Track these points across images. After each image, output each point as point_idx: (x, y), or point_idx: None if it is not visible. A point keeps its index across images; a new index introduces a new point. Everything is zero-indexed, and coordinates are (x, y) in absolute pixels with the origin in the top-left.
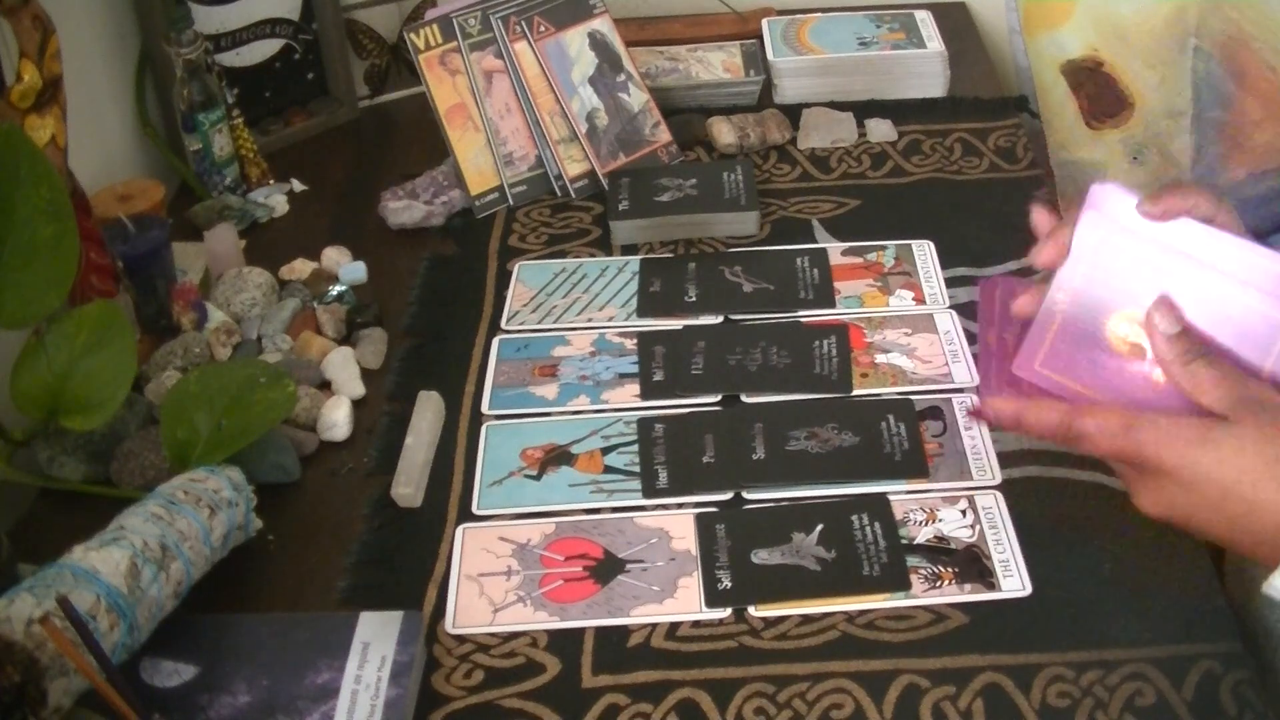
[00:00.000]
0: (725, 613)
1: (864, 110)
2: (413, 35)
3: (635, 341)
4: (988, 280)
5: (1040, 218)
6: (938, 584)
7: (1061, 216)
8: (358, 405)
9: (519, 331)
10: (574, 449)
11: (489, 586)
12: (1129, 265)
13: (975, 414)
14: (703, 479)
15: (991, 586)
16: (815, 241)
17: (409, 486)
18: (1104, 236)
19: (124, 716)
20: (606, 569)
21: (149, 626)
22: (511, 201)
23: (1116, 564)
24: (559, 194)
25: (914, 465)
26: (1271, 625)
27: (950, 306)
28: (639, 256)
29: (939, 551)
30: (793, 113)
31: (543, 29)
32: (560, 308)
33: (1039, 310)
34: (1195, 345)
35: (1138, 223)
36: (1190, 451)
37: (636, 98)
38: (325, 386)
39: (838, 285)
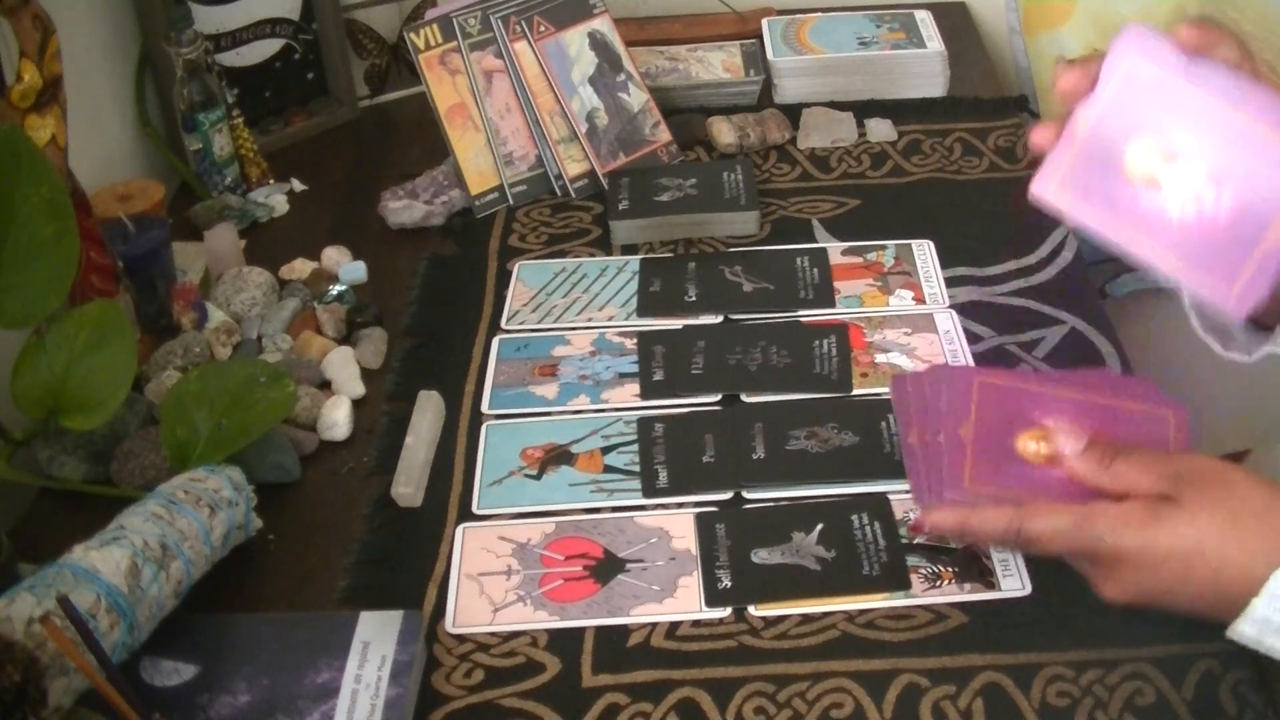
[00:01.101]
0: (725, 612)
1: (864, 110)
2: (413, 35)
3: (635, 341)
4: (897, 377)
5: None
6: (937, 583)
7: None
8: (358, 405)
9: (519, 331)
10: (574, 448)
11: (489, 586)
12: (1156, 93)
13: (915, 529)
14: (703, 478)
15: (991, 586)
16: (815, 241)
17: (409, 486)
18: (1135, 62)
19: (124, 716)
20: (606, 568)
21: (149, 626)
22: (511, 201)
23: None
24: (559, 194)
25: None
26: None
27: (950, 306)
28: (639, 256)
29: (939, 551)
30: (793, 113)
31: (543, 29)
32: (560, 307)
33: (1060, 136)
34: (1107, 448)
35: (1169, 58)
36: (1145, 535)
37: (636, 98)
38: (325, 386)
39: (838, 285)
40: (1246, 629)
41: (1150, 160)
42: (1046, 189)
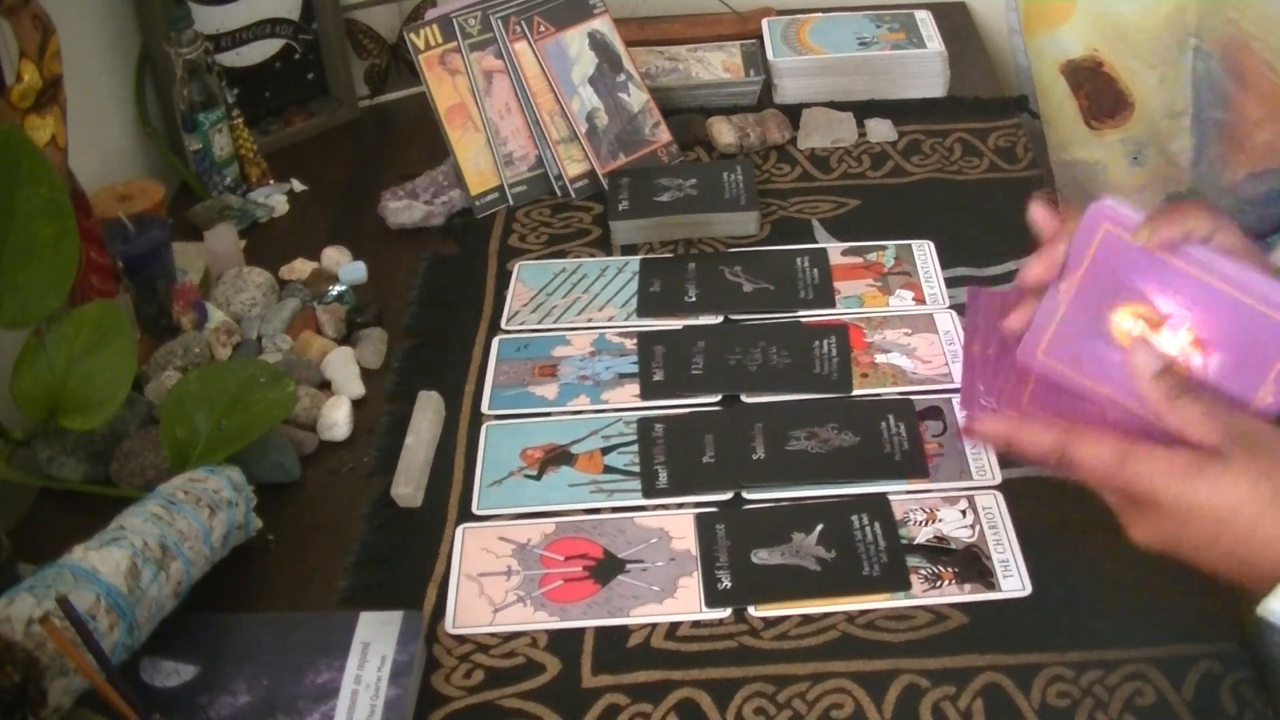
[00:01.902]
0: (725, 613)
1: (864, 110)
2: (413, 35)
3: (635, 341)
4: (974, 290)
5: (1040, 214)
6: (938, 584)
7: (1061, 213)
8: (358, 405)
9: (519, 331)
10: (574, 449)
11: (489, 586)
12: (1132, 264)
13: (965, 432)
14: (703, 479)
15: (991, 586)
16: (815, 241)
17: (409, 486)
18: (1106, 237)
19: (124, 716)
20: (606, 569)
21: (149, 626)
22: (511, 201)
23: (1116, 564)
24: (559, 194)
25: (914, 465)
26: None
27: (950, 306)
28: (639, 256)
29: (939, 551)
30: (793, 113)
31: (543, 29)
32: (560, 308)
33: (1038, 307)
34: (1180, 381)
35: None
36: (1185, 485)
37: (636, 98)
38: (325, 386)
39: (838, 285)
40: (1277, 606)
41: (1134, 322)
42: (1033, 356)
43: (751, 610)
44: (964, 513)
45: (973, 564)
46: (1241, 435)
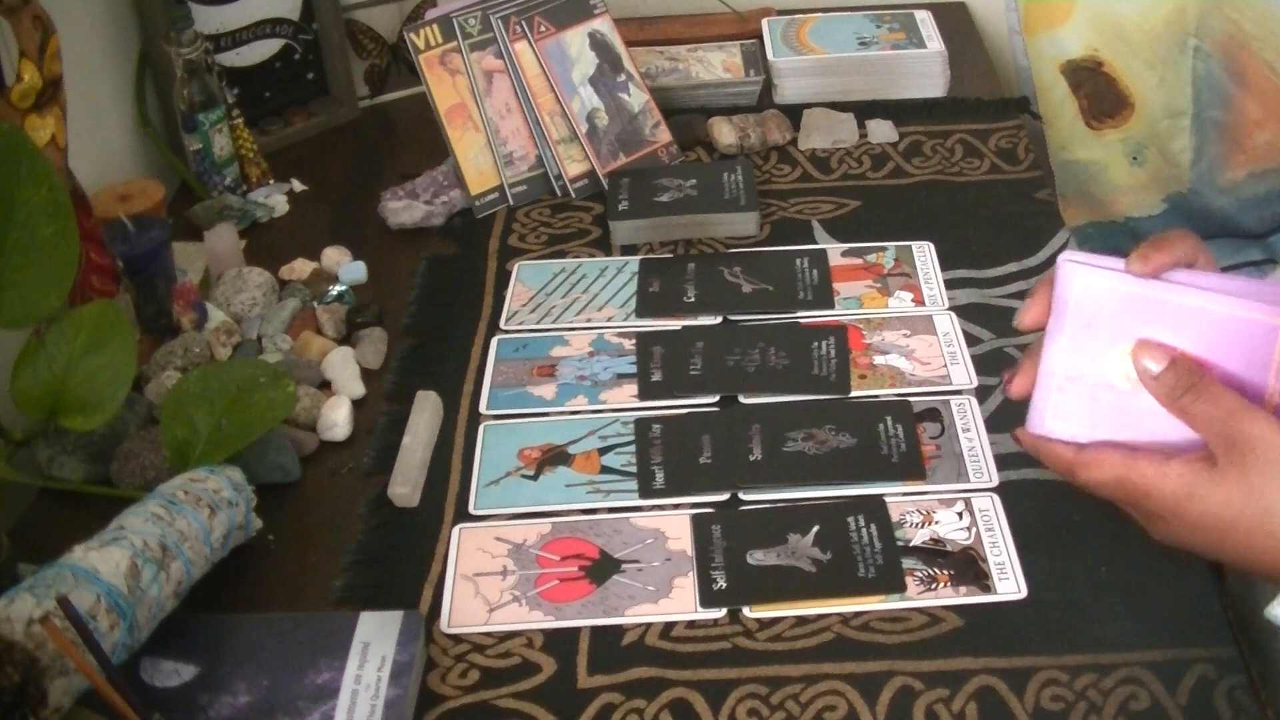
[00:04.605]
0: (720, 613)
1: (865, 111)
2: (413, 35)
3: (634, 342)
4: (1069, 263)
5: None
6: (933, 586)
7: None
8: (358, 405)
9: (518, 331)
10: (571, 449)
11: (484, 586)
12: (1115, 306)
13: (1016, 435)
14: (699, 480)
15: (987, 589)
16: (815, 242)
17: (406, 486)
18: (1085, 283)
19: (124, 716)
20: (602, 569)
21: (149, 626)
22: (511, 201)
23: (1112, 567)
24: (559, 194)
25: (911, 467)
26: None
27: (950, 308)
28: (638, 257)
29: (935, 554)
30: (793, 113)
31: (543, 29)
32: (559, 308)
33: (1036, 373)
34: (1184, 378)
35: (1114, 271)
36: (1179, 505)
37: (637, 98)
38: (325, 386)
39: (837, 286)
40: (1279, 612)
41: (1130, 366)
42: (1042, 426)
43: (746, 611)
44: (960, 515)
45: (969, 566)
46: (1238, 444)
